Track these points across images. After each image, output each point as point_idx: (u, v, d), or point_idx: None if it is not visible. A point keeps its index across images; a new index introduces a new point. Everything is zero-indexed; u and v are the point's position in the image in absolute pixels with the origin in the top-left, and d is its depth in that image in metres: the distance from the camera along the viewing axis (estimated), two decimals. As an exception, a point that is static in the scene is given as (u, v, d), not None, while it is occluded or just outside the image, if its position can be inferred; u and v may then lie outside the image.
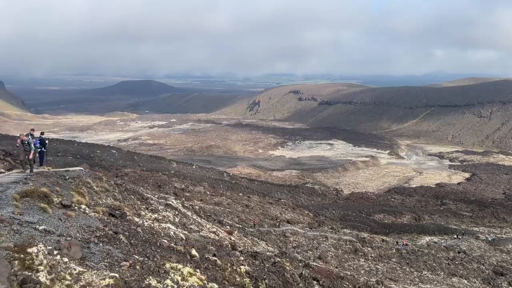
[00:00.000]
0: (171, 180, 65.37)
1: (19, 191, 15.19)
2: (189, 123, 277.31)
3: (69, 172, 21.49)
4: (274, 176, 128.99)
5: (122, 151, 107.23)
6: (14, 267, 8.64)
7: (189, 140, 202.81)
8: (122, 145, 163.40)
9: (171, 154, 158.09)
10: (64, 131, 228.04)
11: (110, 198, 20.31)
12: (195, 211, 34.87)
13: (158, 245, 14.82)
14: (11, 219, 12.22)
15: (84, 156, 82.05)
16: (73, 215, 14.46)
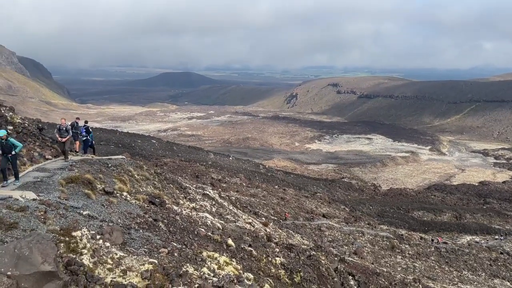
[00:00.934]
0: (208, 170, 66.28)
1: (65, 177, 15.87)
2: (226, 115, 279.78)
3: (111, 160, 22.23)
4: (310, 170, 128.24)
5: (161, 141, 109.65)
6: (60, 249, 9.01)
7: (226, 132, 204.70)
8: (161, 136, 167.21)
9: (209, 145, 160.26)
10: (107, 120, 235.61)
11: (150, 186, 20.86)
12: (232, 201, 35.24)
13: (195, 233, 15.10)
14: (58, 204, 12.79)
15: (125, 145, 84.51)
16: (115, 202, 14.97)
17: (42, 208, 11.89)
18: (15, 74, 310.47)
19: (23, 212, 11.19)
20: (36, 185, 14.49)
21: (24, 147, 17.58)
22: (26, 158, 17.85)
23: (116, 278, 8.77)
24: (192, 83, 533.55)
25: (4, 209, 11.11)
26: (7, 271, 6.78)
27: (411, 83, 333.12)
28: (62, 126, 19.85)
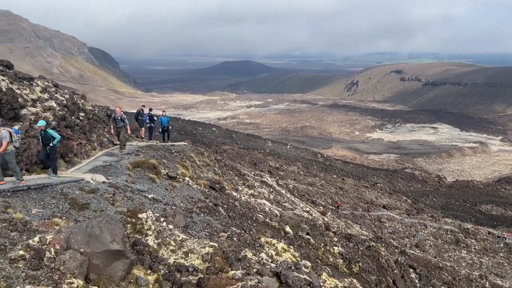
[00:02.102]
0: (266, 158, 66.70)
1: (131, 161, 16.69)
2: (285, 103, 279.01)
3: (174, 146, 23.02)
4: (371, 160, 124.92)
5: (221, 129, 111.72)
6: (127, 230, 9.47)
7: (284, 120, 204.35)
8: (221, 123, 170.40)
9: (267, 134, 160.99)
10: (170, 108, 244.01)
11: (211, 172, 21.37)
12: (289, 189, 35.25)
13: (254, 219, 15.29)
14: (125, 187, 13.49)
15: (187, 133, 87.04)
16: (177, 186, 15.53)
17: (111, 190, 12.60)
18: (85, 64, 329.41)
19: (94, 194, 11.92)
20: (106, 168, 15.37)
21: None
22: (96, 143, 18.94)
23: (179, 259, 9.10)
24: (252, 72, 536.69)
25: (77, 191, 11.91)
26: (80, 248, 7.24)
27: (482, 69, 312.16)
28: (117, 115, 18.63)
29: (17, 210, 9.35)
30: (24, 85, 17.65)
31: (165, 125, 24.76)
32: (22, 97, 16.11)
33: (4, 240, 7.10)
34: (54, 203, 10.60)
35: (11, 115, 14.45)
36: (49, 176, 12.55)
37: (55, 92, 19.54)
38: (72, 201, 10.91)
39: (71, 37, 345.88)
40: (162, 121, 24.69)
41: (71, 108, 18.93)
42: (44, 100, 17.51)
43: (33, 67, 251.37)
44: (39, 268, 6.54)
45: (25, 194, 10.63)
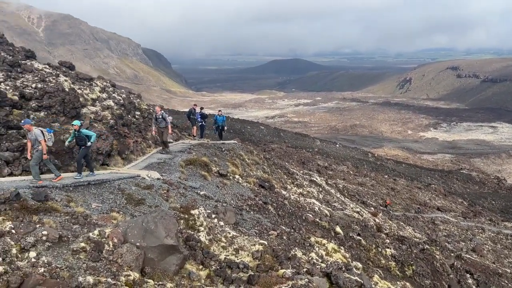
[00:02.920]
0: (315, 157, 66.02)
1: (184, 159, 17.13)
2: (334, 101, 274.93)
3: (224, 144, 23.37)
4: (424, 160, 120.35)
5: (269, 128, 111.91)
6: (180, 225, 9.71)
7: (333, 118, 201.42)
8: (269, 122, 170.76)
9: (315, 132, 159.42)
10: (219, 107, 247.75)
11: (260, 170, 21.48)
12: (339, 189, 34.70)
13: (303, 218, 15.20)
14: (178, 183, 13.87)
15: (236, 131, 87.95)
16: (228, 184, 15.77)
17: (165, 187, 13.00)
18: (140, 65, 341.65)
19: (149, 190, 12.35)
20: (160, 165, 15.89)
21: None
22: (151, 141, 19.60)
23: (229, 256, 9.21)
24: (300, 70, 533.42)
25: (134, 187, 12.38)
26: (136, 241, 7.51)
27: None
28: (157, 115, 17.62)
29: (79, 204, 9.87)
30: (84, 85, 18.58)
31: (220, 124, 25.16)
32: (83, 96, 16.98)
33: (67, 233, 7.51)
34: (112, 198, 11.09)
35: (73, 114, 15.26)
36: (75, 177, 12.05)
37: (113, 91, 20.41)
38: (129, 196, 11.36)
39: (126, 39, 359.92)
40: (217, 120, 25.19)
41: (128, 107, 19.71)
42: (102, 100, 18.34)
43: (91, 68, 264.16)
44: (98, 260, 6.85)
45: (85, 189, 11.20)
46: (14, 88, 14.52)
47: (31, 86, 15.22)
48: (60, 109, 14.90)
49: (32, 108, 14.44)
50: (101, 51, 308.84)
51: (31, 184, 10.52)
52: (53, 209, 8.65)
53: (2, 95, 13.08)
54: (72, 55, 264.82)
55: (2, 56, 16.28)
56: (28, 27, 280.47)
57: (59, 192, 10.30)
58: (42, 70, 17.11)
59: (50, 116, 14.68)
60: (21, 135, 12.90)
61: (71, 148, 13.60)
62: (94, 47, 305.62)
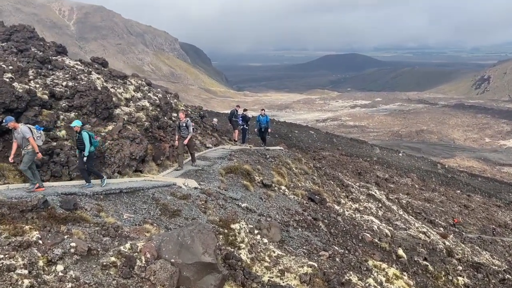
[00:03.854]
0: (373, 167, 64.76)
1: (224, 166, 17.32)
2: (396, 103, 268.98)
3: (269, 151, 23.42)
4: (505, 173, 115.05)
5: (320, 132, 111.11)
6: (219, 241, 9.78)
7: (396, 123, 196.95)
8: (320, 126, 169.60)
9: (374, 138, 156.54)
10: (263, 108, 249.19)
11: (309, 181, 21.34)
12: (401, 205, 33.83)
13: (359, 238, 14.91)
14: (217, 194, 14.02)
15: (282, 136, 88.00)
16: (273, 196, 15.77)
17: (203, 197, 13.19)
18: (177, 61, 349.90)
19: (186, 200, 12.57)
20: (198, 173, 16.15)
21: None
22: (187, 145, 20.01)
23: (274, 278, 9.15)
24: (357, 66, 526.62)
25: (169, 196, 12.64)
26: (171, 257, 7.62)
27: None
28: (181, 122, 16.73)
29: (109, 214, 10.18)
30: (118, 83, 19.26)
31: (263, 126, 24.83)
32: (116, 96, 17.60)
33: (97, 245, 7.75)
34: (145, 208, 11.37)
35: (105, 115, 15.84)
36: (81, 187, 11.90)
37: (148, 91, 21.03)
38: (164, 207, 11.61)
39: (162, 32, 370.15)
40: (260, 121, 24.84)
41: (164, 108, 20.21)
42: (137, 100, 18.93)
43: (124, 65, 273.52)
44: (129, 277, 6.98)
45: (117, 198, 11.56)
46: (44, 87, 15.26)
47: (61, 85, 15.95)
48: (92, 110, 15.51)
49: (62, 108, 15.11)
50: (135, 46, 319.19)
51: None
52: (82, 219, 8.98)
53: (32, 94, 13.77)
54: (104, 51, 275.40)
55: (32, 52, 17.19)
56: (59, 20, 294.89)
57: (89, 201, 10.70)
58: (73, 67, 17.91)
59: (81, 117, 15.29)
60: (50, 137, 13.52)
61: (103, 153, 14.09)
62: (128, 41, 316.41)
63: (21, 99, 13.19)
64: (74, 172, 12.97)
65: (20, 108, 13.18)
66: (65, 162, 12.97)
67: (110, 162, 14.27)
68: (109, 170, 14.07)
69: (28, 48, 17.54)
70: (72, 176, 12.79)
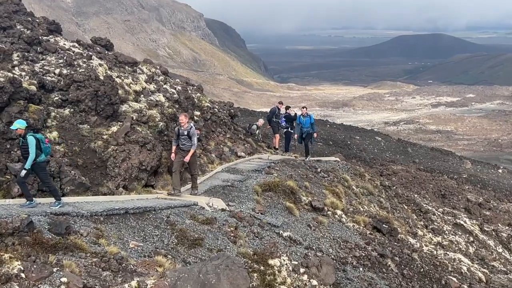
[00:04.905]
0: (463, 188, 63.30)
1: (261, 182, 17.33)
2: (495, 101, 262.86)
3: (321, 163, 23.33)
4: None
5: (390, 139, 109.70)
6: (252, 281, 9.77)
7: (494, 128, 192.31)
8: (390, 130, 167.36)
9: (464, 148, 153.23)
10: (314, 107, 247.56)
11: (375, 205, 21.09)
12: (501, 240, 32.95)
13: (443, 283, 14.65)
14: (251, 218, 14.03)
15: (338, 143, 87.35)
16: (325, 223, 15.65)
17: (233, 222, 13.22)
18: (201, 43, 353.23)
19: (210, 226, 12.63)
20: (226, 190, 16.22)
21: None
22: (214, 154, 20.14)
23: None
24: (442, 51, 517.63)
25: (188, 220, 12.74)
26: (190, 301, 7.68)
27: None
28: (182, 128, 15.48)
29: (111, 241, 10.33)
30: (125, 72, 19.66)
31: (306, 130, 24.32)
32: (123, 88, 17.94)
33: (94, 282, 7.87)
34: (158, 234, 11.49)
35: (109, 112, 16.16)
36: (21, 205, 11.51)
37: (164, 81, 21.37)
38: (181, 233, 11.70)
39: (184, 6, 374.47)
40: (302, 124, 24.34)
41: (184, 104, 20.45)
42: (150, 93, 19.26)
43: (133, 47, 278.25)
44: (136, 325, 7.07)
45: (121, 220, 11.73)
46: (32, 75, 15.71)
47: (54, 72, 16.39)
48: (92, 105, 15.84)
49: (54, 103, 15.51)
50: (148, 23, 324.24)
51: (49, 209, 11.15)
52: (77, 246, 9.13)
53: (16, 84, 14.17)
54: (108, 29, 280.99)
55: (18, 30, 17.73)
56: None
57: (86, 223, 10.87)
58: (69, 50, 18.36)
59: (77, 114, 15.63)
60: (39, 141, 13.86)
61: (104, 161, 14.34)
62: (139, 17, 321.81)
63: (2, 90, 13.58)
64: (67, 185, 13.25)
65: (0, 102, 13.58)
66: (56, 173, 13.25)
67: (113, 173, 14.50)
68: (112, 184, 14.29)
69: (12, 25, 17.97)
70: (65, 191, 13.05)
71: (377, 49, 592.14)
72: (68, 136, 15.06)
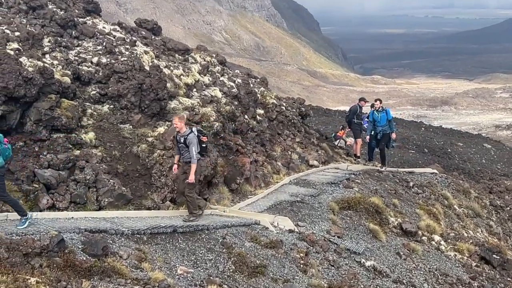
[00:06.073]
0: None
1: (338, 198, 17.21)
2: None
3: (414, 175, 22.93)
4: None
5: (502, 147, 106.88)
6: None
7: None
8: (502, 136, 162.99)
9: None
10: (404, 104, 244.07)
11: (482, 229, 20.60)
12: None
13: None
14: (326, 242, 13.96)
15: (435, 151, 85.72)
16: (419, 250, 15.40)
17: (303, 246, 13.18)
18: (266, 26, 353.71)
19: (275, 250, 12.64)
20: (294, 207, 16.17)
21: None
22: (280, 162, 20.12)
23: None
24: None
25: (248, 242, 12.78)
26: None
27: None
28: (179, 135, 14.52)
29: (156, 265, 10.46)
30: (175, 61, 19.91)
31: (382, 129, 23.20)
32: (172, 80, 18.18)
33: (135, 314, 8.00)
34: (212, 259, 11.57)
35: (155, 110, 16.39)
36: (17, 226, 10.74)
37: (221, 73, 21.55)
38: (239, 258, 11.75)
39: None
40: (375, 121, 23.29)
41: (244, 101, 20.56)
42: (204, 87, 19.43)
43: (184, 31, 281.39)
44: None
45: (168, 241, 11.88)
46: (66, 64, 16.08)
47: (91, 61, 16.75)
48: (135, 101, 16.10)
49: (91, 98, 15.84)
50: (202, 2, 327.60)
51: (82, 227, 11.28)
52: (115, 271, 9.27)
53: (47, 75, 14.47)
54: (155, 10, 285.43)
55: (50, 11, 18.16)
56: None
57: (126, 243, 11.05)
58: (109, 35, 18.77)
59: (117, 112, 15.90)
60: (72, 142, 14.13)
61: (149, 169, 14.52)
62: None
63: (31, 82, 13.77)
64: (105, 197, 13.45)
65: (28, 97, 13.82)
66: (92, 182, 13.45)
67: (159, 183, 14.64)
68: (158, 197, 14.44)
69: (43, 4, 18.37)
70: (102, 203, 13.27)
71: (487, 33, 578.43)
72: (107, 138, 15.28)
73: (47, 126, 14.11)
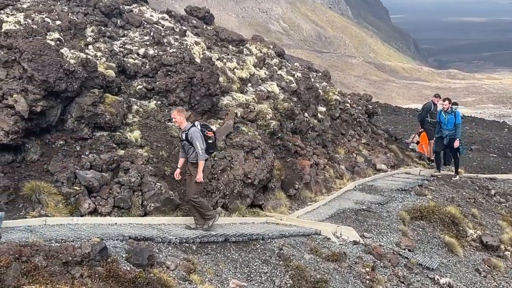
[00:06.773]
0: None
1: (409, 207, 17.06)
2: None
3: (496, 182, 22.60)
4: None
5: None
6: None
7: None
8: None
9: None
10: (484, 102, 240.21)
11: None
12: None
13: None
14: (395, 256, 13.86)
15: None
16: (501, 267, 15.18)
17: (369, 260, 13.11)
18: (328, 14, 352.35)
19: (337, 264, 12.61)
20: (360, 216, 16.10)
21: None
22: (344, 165, 20.04)
23: None
24: None
25: (308, 254, 12.77)
26: None
27: None
28: (180, 131, 14.29)
29: (206, 277, 10.54)
30: (229, 52, 20.01)
31: (449, 133, 22.56)
32: (225, 74, 18.28)
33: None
34: (267, 272, 11.59)
35: (206, 107, 16.49)
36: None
37: (279, 66, 21.57)
38: (298, 272, 11.75)
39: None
40: (442, 123, 22.81)
41: (304, 97, 20.54)
42: (260, 81, 19.48)
43: (238, 20, 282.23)
44: None
45: (219, 250, 11.94)
46: (110, 56, 16.30)
47: (137, 53, 16.96)
48: (185, 97, 16.22)
49: (137, 93, 16.01)
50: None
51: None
52: (162, 282, 9.36)
53: (90, 68, 14.65)
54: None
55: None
56: None
57: (174, 252, 11.14)
58: (157, 24, 18.98)
59: (165, 108, 16.04)
60: (116, 142, 14.28)
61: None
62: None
63: (73, 75, 13.89)
64: (151, 201, 13.52)
65: (70, 91, 13.95)
66: (137, 185, 13.54)
67: (210, 188, 14.65)
68: (208, 202, 14.46)
69: (86, -9, 18.74)
70: (148, 208, 13.38)
71: None
72: (154, 137, 15.33)
73: (90, 123, 14.22)
